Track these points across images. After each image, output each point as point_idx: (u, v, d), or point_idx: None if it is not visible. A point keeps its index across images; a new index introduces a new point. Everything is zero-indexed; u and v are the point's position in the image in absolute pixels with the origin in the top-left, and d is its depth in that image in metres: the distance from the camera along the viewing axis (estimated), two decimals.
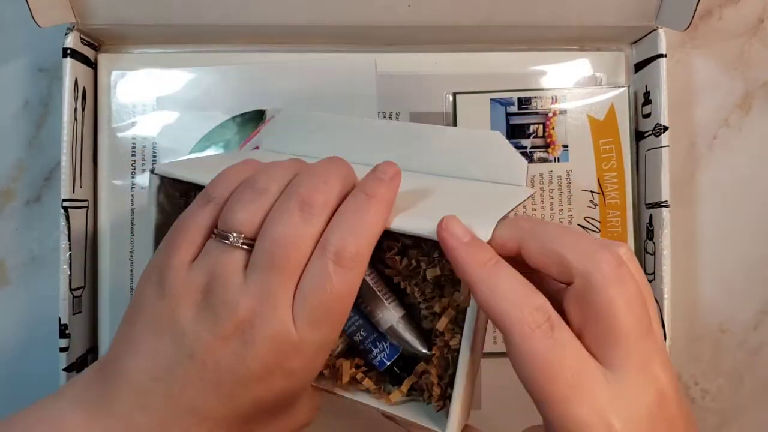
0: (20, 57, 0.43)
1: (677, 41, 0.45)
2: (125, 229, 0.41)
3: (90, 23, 0.39)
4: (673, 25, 0.39)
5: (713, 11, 0.46)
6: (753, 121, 0.45)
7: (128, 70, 0.41)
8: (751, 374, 0.45)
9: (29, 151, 0.43)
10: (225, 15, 0.39)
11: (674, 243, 0.41)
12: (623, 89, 0.42)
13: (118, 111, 0.41)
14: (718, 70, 0.45)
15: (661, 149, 0.41)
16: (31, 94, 0.43)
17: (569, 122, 0.42)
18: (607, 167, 0.42)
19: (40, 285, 0.43)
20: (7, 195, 0.43)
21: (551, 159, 0.42)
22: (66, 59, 0.39)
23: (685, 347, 0.45)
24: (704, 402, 0.45)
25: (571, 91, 0.42)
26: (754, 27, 0.46)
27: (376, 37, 0.41)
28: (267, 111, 0.41)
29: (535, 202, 0.42)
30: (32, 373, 0.42)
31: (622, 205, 0.42)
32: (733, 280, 0.45)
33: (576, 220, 0.42)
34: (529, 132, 0.42)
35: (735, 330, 0.45)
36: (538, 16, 0.40)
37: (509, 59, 0.43)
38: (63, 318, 0.38)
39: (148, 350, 0.25)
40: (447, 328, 0.28)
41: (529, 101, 0.42)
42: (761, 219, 0.45)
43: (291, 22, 0.39)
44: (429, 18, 0.39)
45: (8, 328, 0.43)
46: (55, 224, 0.40)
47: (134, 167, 0.41)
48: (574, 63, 0.43)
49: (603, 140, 0.42)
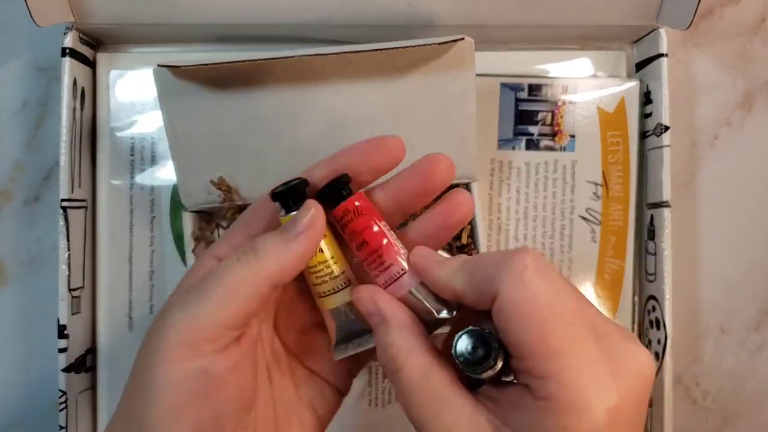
0: (19, 56, 0.43)
1: (678, 40, 0.45)
2: (124, 229, 0.41)
3: (89, 22, 0.39)
4: (674, 25, 0.39)
5: (714, 10, 0.45)
6: (754, 120, 0.45)
7: (127, 70, 0.41)
8: (752, 374, 0.45)
9: (28, 151, 0.43)
10: (224, 14, 0.39)
11: (675, 243, 0.41)
12: (635, 83, 0.42)
13: (117, 110, 0.41)
14: (719, 69, 0.45)
15: (662, 149, 0.40)
16: (29, 94, 0.43)
17: (578, 112, 0.42)
18: (612, 160, 0.42)
19: (38, 285, 0.43)
20: (5, 195, 0.43)
21: (557, 148, 0.42)
22: (65, 59, 0.38)
23: (686, 347, 0.45)
24: (705, 402, 0.45)
25: (582, 82, 0.42)
26: (756, 26, 0.45)
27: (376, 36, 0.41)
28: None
29: (538, 190, 0.42)
30: (31, 373, 0.42)
31: (625, 199, 0.42)
32: (734, 280, 0.45)
33: (578, 211, 0.42)
34: (537, 119, 0.42)
35: (736, 330, 0.45)
36: (539, 15, 0.40)
37: (510, 58, 0.43)
38: (62, 318, 0.38)
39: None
40: (468, 240, 0.38)
41: (539, 88, 0.42)
42: (762, 219, 0.45)
43: (290, 21, 0.39)
44: (428, 17, 0.39)
45: (7, 329, 0.43)
46: (54, 224, 0.40)
47: (133, 167, 0.41)
48: (575, 62, 0.43)
49: (611, 133, 0.42)
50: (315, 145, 0.35)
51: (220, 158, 0.35)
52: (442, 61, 0.34)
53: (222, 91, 0.34)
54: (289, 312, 0.30)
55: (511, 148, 0.42)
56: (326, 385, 0.29)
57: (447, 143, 0.36)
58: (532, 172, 0.42)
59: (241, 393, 0.25)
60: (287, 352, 0.29)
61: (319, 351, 0.29)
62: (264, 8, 0.39)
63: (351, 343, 0.27)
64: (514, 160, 0.42)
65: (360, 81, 0.35)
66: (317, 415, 0.29)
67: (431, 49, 0.34)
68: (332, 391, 0.29)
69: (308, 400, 0.29)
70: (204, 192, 0.36)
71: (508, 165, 0.42)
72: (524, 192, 0.42)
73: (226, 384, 0.24)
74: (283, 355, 0.29)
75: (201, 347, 0.24)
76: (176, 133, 0.35)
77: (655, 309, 0.41)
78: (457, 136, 0.36)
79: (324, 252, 0.27)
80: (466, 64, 0.35)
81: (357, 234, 0.27)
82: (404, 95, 0.35)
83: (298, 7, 0.39)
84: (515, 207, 0.42)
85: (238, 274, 0.24)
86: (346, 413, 0.42)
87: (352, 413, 0.42)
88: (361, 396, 0.42)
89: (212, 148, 0.35)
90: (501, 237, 0.42)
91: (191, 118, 0.34)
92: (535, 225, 0.42)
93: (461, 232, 0.39)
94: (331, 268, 0.27)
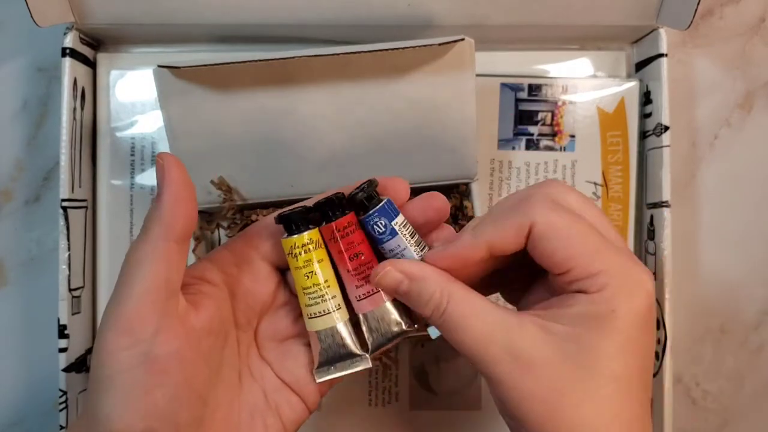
0: (19, 57, 0.43)
1: (678, 40, 0.45)
2: (124, 229, 0.41)
3: (89, 23, 0.39)
4: (674, 25, 0.39)
5: (714, 10, 0.45)
6: (754, 120, 0.45)
7: (127, 70, 0.41)
8: (752, 375, 0.45)
9: (28, 151, 0.43)
10: (224, 14, 0.39)
11: (675, 243, 0.41)
12: (634, 83, 0.42)
13: (117, 110, 0.41)
14: (719, 69, 0.45)
15: (662, 149, 0.40)
16: (30, 94, 0.43)
17: (578, 112, 0.42)
18: (612, 160, 0.42)
19: (39, 285, 0.43)
20: (5, 195, 0.43)
21: (557, 148, 0.42)
22: (65, 59, 0.38)
23: (686, 348, 0.45)
24: (705, 403, 0.45)
25: (582, 82, 0.42)
26: (756, 26, 0.45)
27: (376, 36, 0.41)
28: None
29: None
30: (32, 373, 0.42)
31: (625, 199, 0.42)
32: (733, 281, 0.45)
33: None
34: (537, 119, 0.42)
35: (736, 330, 0.45)
36: (539, 15, 0.40)
37: (510, 59, 0.43)
38: (62, 318, 0.38)
39: None
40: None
41: (539, 88, 0.42)
42: (762, 219, 0.45)
43: (290, 21, 0.39)
44: (428, 17, 0.39)
45: (7, 329, 0.43)
46: (54, 224, 0.40)
47: (133, 167, 0.41)
48: (575, 62, 0.43)
49: (611, 133, 0.42)
50: (315, 145, 0.36)
51: (220, 158, 0.35)
52: (443, 61, 0.34)
53: (222, 91, 0.34)
54: (270, 322, 0.31)
55: (511, 148, 0.42)
56: (295, 397, 0.30)
57: (447, 143, 0.36)
58: (532, 172, 0.42)
59: (189, 381, 0.26)
60: (262, 359, 0.30)
61: (292, 363, 0.30)
62: (264, 8, 0.39)
63: (333, 366, 0.29)
64: (514, 160, 0.42)
65: (360, 81, 0.35)
66: (283, 423, 0.29)
67: (431, 49, 0.34)
68: (301, 403, 0.30)
69: (276, 407, 0.29)
70: (204, 192, 0.36)
71: (508, 165, 0.42)
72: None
73: (171, 371, 0.25)
74: (257, 361, 0.30)
75: (136, 331, 0.24)
76: (176, 133, 0.35)
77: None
78: (457, 136, 0.36)
79: (319, 275, 0.28)
80: (466, 64, 0.35)
81: (355, 245, 0.29)
82: (404, 95, 0.35)
83: (298, 7, 0.39)
84: None
85: (138, 248, 0.26)
86: (347, 413, 0.42)
87: (352, 413, 0.42)
88: (361, 396, 0.42)
89: (212, 148, 0.35)
90: None
91: (191, 118, 0.34)
92: None
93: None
94: (324, 291, 0.29)
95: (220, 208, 0.36)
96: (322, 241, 0.29)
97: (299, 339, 0.31)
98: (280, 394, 0.30)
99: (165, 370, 0.25)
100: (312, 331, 0.29)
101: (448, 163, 0.37)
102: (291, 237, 0.28)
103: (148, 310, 0.25)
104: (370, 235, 0.29)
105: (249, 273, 0.30)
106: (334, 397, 0.41)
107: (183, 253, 0.26)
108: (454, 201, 0.39)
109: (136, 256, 0.25)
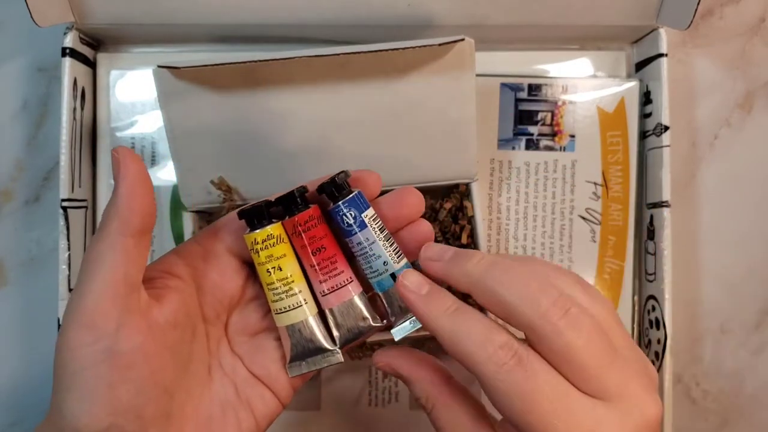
0: (19, 57, 0.43)
1: (678, 40, 0.45)
2: None
3: (89, 23, 0.39)
4: (674, 25, 0.39)
5: (714, 10, 0.45)
6: (754, 120, 0.45)
7: (127, 70, 0.41)
8: (752, 375, 0.45)
9: (28, 151, 0.43)
10: (224, 14, 0.39)
11: (675, 243, 0.41)
12: (634, 83, 0.42)
13: (117, 110, 0.41)
14: (719, 69, 0.45)
15: (662, 149, 0.40)
16: (30, 94, 0.43)
17: (578, 112, 0.42)
18: (612, 160, 0.42)
19: (38, 285, 0.43)
20: (5, 195, 0.43)
21: (557, 148, 0.42)
22: (65, 59, 0.38)
23: (686, 348, 0.45)
24: (705, 402, 0.45)
25: (582, 82, 0.42)
26: (756, 26, 0.45)
27: (376, 36, 0.41)
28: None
29: (537, 190, 0.42)
30: (31, 373, 0.42)
31: (625, 199, 0.42)
32: (733, 280, 0.45)
33: (577, 211, 0.42)
34: (537, 119, 0.42)
35: (736, 330, 0.45)
36: (539, 15, 0.40)
37: (510, 59, 0.43)
38: (62, 318, 0.38)
39: None
40: (468, 240, 0.38)
41: (539, 88, 0.42)
42: (762, 219, 0.45)
43: (290, 21, 0.39)
44: (428, 17, 0.39)
45: (7, 329, 0.43)
46: (54, 224, 0.40)
47: None
48: (575, 62, 0.43)
49: (611, 133, 0.42)
50: (315, 145, 0.36)
51: (220, 158, 0.35)
52: (443, 61, 0.34)
53: (222, 92, 0.34)
54: (241, 317, 0.31)
55: (511, 148, 0.42)
56: (268, 392, 0.30)
57: (447, 143, 0.36)
58: (532, 172, 0.42)
59: (154, 376, 0.25)
60: (233, 353, 0.30)
61: (263, 357, 0.30)
62: (264, 8, 0.39)
63: (305, 362, 0.29)
64: (514, 160, 0.42)
65: (360, 81, 0.35)
66: (255, 417, 0.29)
67: (431, 49, 0.34)
68: (273, 398, 0.30)
69: (248, 401, 0.29)
70: (204, 192, 0.36)
71: (508, 165, 0.42)
72: (524, 192, 0.42)
73: (135, 366, 0.25)
74: (228, 355, 0.30)
75: (98, 326, 0.24)
76: (176, 133, 0.35)
77: (654, 309, 0.41)
78: (457, 137, 0.36)
79: (282, 270, 0.28)
80: (466, 64, 0.35)
81: (318, 239, 0.28)
82: (404, 95, 0.35)
83: (299, 7, 0.39)
84: (515, 207, 0.42)
85: (96, 243, 0.25)
86: (347, 413, 0.42)
87: (352, 413, 0.42)
88: (361, 396, 0.42)
89: (212, 148, 0.35)
90: (501, 237, 0.42)
91: (191, 118, 0.34)
92: (535, 225, 0.42)
93: (461, 232, 0.39)
94: (289, 285, 0.28)
95: (220, 207, 0.36)
96: (286, 235, 0.29)
97: (270, 333, 0.30)
98: (252, 389, 0.30)
99: (129, 365, 0.25)
100: (281, 327, 0.29)
101: (448, 163, 0.37)
102: (252, 232, 0.28)
103: (108, 305, 0.25)
104: (339, 227, 0.29)
105: (216, 267, 0.30)
106: (334, 397, 0.41)
107: (142, 247, 0.26)
108: (454, 201, 0.39)
109: (94, 252, 0.25)
